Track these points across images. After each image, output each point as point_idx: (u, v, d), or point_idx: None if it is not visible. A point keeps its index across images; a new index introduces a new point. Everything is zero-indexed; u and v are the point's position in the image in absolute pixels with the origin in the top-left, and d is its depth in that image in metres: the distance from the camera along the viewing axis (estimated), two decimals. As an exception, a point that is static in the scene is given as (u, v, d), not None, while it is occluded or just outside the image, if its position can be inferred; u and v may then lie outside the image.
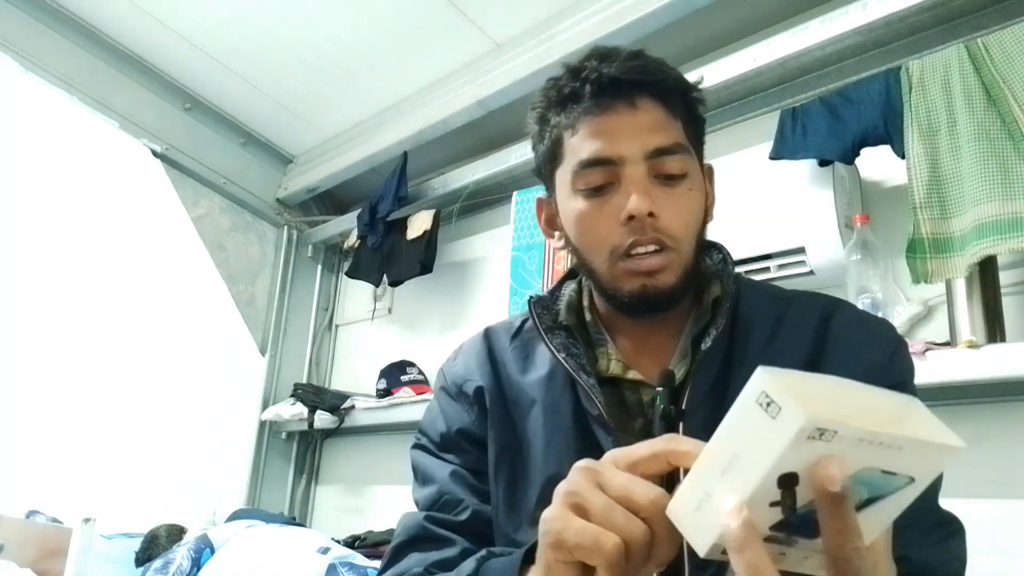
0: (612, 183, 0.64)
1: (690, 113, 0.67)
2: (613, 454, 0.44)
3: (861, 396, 0.37)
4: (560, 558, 0.42)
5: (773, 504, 0.36)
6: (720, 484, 0.37)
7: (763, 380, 0.35)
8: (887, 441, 0.34)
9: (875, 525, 0.38)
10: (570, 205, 0.66)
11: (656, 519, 0.40)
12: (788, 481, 0.35)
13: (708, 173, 0.71)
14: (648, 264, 0.62)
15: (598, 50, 0.67)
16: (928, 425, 0.37)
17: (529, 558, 0.48)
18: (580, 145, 0.65)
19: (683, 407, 0.61)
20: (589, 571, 0.42)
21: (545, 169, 0.71)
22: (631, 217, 0.61)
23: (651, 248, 0.62)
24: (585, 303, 0.73)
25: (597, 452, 0.62)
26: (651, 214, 0.61)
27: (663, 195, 0.63)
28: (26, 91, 1.96)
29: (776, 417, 0.34)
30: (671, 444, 0.42)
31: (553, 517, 0.43)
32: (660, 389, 0.61)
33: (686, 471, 0.47)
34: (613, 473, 0.42)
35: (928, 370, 1.11)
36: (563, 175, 0.67)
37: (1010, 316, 1.17)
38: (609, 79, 0.63)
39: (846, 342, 0.64)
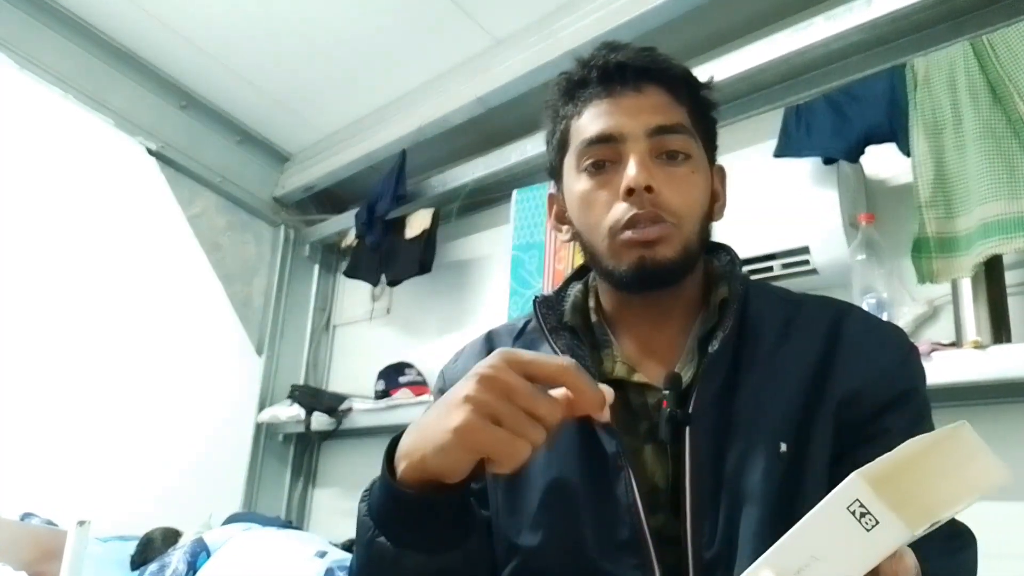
0: (615, 161, 0.64)
1: (695, 103, 0.68)
2: (510, 358, 0.48)
3: (927, 457, 0.36)
4: (470, 456, 0.47)
5: None
6: None
7: (858, 488, 0.34)
8: (958, 510, 0.34)
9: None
10: (574, 186, 0.67)
11: (551, 425, 0.47)
12: None
13: (719, 173, 0.71)
14: (646, 234, 0.62)
15: (607, 43, 0.68)
16: (969, 456, 0.36)
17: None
18: (585, 126, 0.66)
19: (690, 411, 0.60)
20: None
21: (555, 161, 0.72)
22: (630, 191, 0.62)
23: (649, 222, 0.62)
24: (591, 304, 0.72)
25: (600, 456, 0.62)
26: (649, 188, 0.61)
27: (664, 173, 0.63)
28: (21, 89, 1.94)
29: (871, 529, 0.33)
30: (573, 373, 0.47)
31: (470, 425, 0.46)
32: (667, 392, 0.60)
33: (692, 497, 0.53)
34: (519, 384, 0.46)
35: (933, 371, 1.09)
36: (570, 159, 0.68)
37: (1016, 316, 1.16)
38: (616, 65, 0.65)
39: (857, 348, 0.63)
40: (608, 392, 0.49)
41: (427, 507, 0.51)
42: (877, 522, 0.33)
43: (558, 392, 0.48)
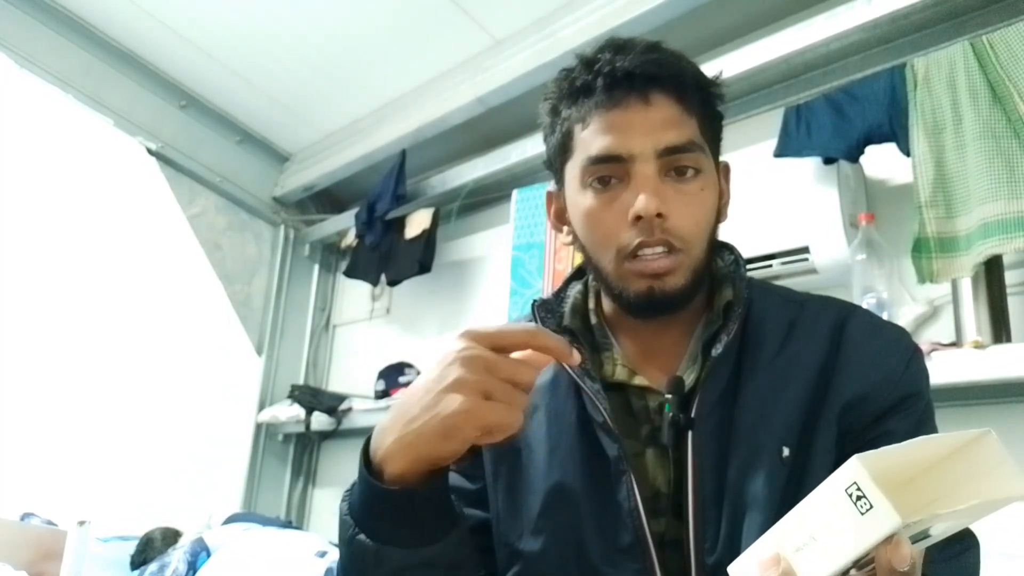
0: (622, 180, 0.62)
1: (707, 109, 0.65)
2: (478, 336, 0.50)
3: (933, 449, 0.36)
4: (475, 435, 0.49)
5: None
6: (792, 560, 0.37)
7: (856, 472, 0.35)
8: (963, 511, 0.34)
9: (921, 549, 0.38)
10: (578, 200, 0.65)
11: (529, 389, 0.51)
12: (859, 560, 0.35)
13: (724, 171, 0.69)
14: (656, 266, 0.60)
15: (613, 41, 0.65)
16: (992, 465, 0.36)
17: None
18: (590, 140, 0.63)
19: (692, 415, 0.60)
20: None
21: (555, 162, 0.69)
22: (638, 217, 0.60)
23: (659, 250, 0.60)
24: (591, 305, 0.71)
25: (602, 460, 0.61)
26: (659, 215, 0.59)
27: (673, 194, 0.61)
28: (21, 89, 1.94)
29: (865, 514, 0.34)
30: (539, 335, 0.51)
31: (473, 406, 0.48)
32: (669, 396, 0.60)
33: (695, 501, 0.54)
34: (498, 358, 0.50)
35: (934, 371, 1.07)
36: (572, 169, 0.65)
37: (1016, 316, 1.16)
38: (623, 72, 0.61)
39: (861, 351, 0.62)
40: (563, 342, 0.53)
41: (409, 502, 0.51)
42: (871, 507, 0.33)
43: (523, 354, 0.51)
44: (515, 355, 0.51)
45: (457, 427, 0.48)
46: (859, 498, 0.34)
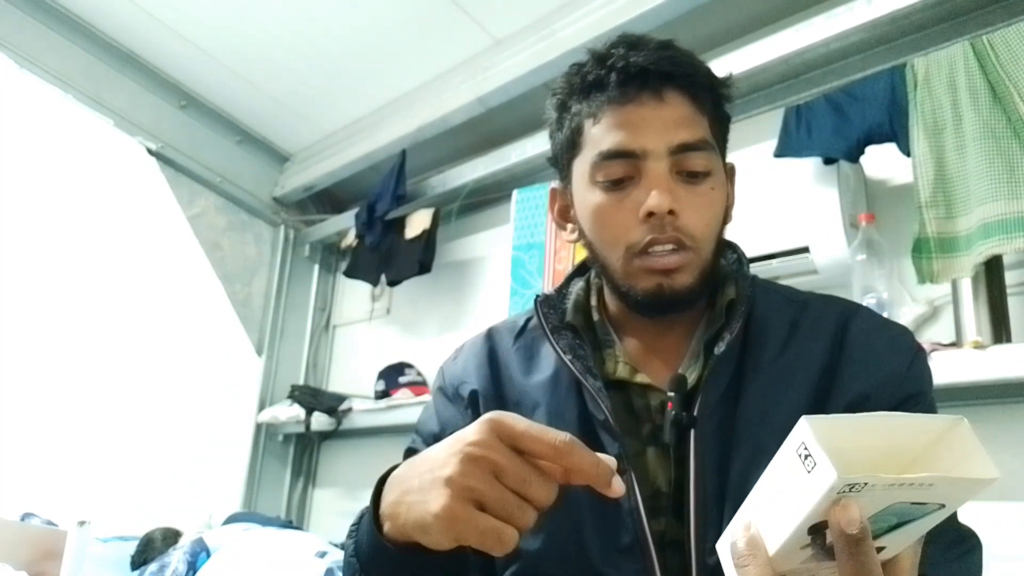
0: (633, 177, 0.62)
1: (717, 110, 0.65)
2: (500, 430, 0.44)
3: (901, 432, 0.37)
4: (452, 543, 0.45)
5: (804, 547, 0.36)
6: (759, 526, 0.37)
7: (803, 431, 0.35)
8: (918, 482, 0.34)
9: (901, 543, 0.37)
10: (587, 197, 0.64)
11: (542, 507, 0.45)
12: (818, 527, 0.35)
13: (730, 172, 0.69)
14: (665, 263, 0.60)
15: (626, 37, 0.64)
16: (966, 454, 0.36)
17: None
18: (602, 135, 0.62)
19: (695, 413, 0.60)
20: None
21: (562, 158, 0.69)
22: (651, 214, 0.60)
23: (669, 247, 0.60)
24: (593, 302, 0.71)
25: (603, 459, 0.61)
26: (671, 212, 0.59)
27: (685, 193, 0.61)
28: (21, 89, 1.94)
29: (811, 471, 0.34)
30: (569, 451, 0.43)
31: (452, 512, 0.43)
32: (672, 395, 0.60)
33: (696, 501, 0.53)
34: (509, 464, 0.43)
35: (934, 371, 1.09)
36: (581, 165, 0.65)
37: (1016, 316, 1.16)
38: (637, 69, 0.61)
39: (863, 351, 0.62)
40: (611, 462, 0.46)
41: (413, 562, 0.49)
42: (815, 464, 0.34)
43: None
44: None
45: (431, 528, 0.44)
46: (806, 457, 0.34)
